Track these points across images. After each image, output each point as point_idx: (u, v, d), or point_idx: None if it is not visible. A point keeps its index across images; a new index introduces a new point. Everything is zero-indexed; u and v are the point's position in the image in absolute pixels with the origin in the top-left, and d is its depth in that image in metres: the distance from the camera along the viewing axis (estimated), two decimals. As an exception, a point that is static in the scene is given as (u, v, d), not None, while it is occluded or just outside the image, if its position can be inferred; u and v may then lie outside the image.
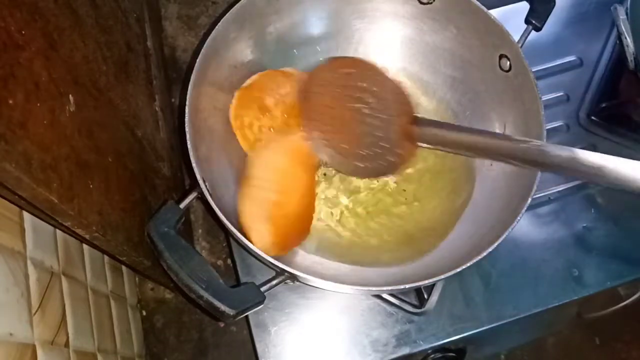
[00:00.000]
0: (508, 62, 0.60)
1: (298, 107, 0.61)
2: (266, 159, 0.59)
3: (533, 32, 0.62)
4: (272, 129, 0.61)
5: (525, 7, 0.63)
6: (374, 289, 0.54)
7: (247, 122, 0.61)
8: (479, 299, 0.64)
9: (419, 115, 0.58)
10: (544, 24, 0.62)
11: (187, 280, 0.46)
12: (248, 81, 0.63)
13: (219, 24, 0.58)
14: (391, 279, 0.58)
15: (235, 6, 0.59)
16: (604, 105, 0.73)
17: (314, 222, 0.61)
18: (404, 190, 0.64)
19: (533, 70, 0.57)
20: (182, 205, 0.52)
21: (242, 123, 0.61)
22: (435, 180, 0.64)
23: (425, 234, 0.62)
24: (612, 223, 0.68)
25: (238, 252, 0.66)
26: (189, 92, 0.54)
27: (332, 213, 0.63)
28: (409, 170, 0.64)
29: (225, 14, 0.58)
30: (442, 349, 0.64)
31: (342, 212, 0.63)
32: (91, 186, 0.48)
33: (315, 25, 0.67)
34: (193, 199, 0.53)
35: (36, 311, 0.50)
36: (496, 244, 0.50)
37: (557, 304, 0.64)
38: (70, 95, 0.46)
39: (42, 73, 0.42)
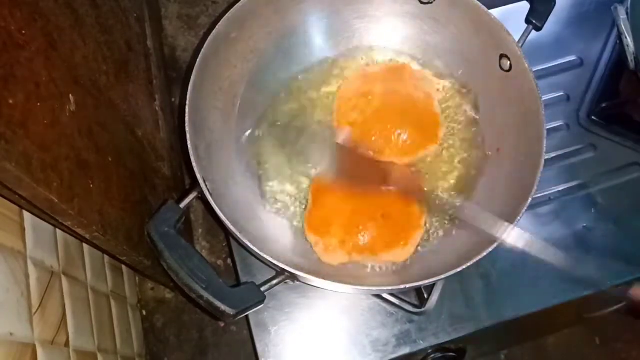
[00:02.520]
0: (508, 62, 0.60)
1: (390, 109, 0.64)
2: None
3: (533, 32, 0.62)
4: (361, 113, 0.64)
5: (525, 7, 0.63)
6: (374, 288, 0.54)
7: (347, 95, 0.65)
8: (479, 299, 0.64)
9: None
10: (544, 23, 0.62)
11: (187, 280, 0.46)
12: (375, 66, 0.67)
13: (220, 23, 0.58)
14: (391, 279, 0.58)
15: (236, 6, 0.59)
16: (604, 105, 0.73)
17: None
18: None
19: (533, 70, 0.57)
20: (182, 205, 0.52)
21: (344, 93, 0.66)
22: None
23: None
24: (612, 223, 0.67)
25: (238, 252, 0.66)
26: (189, 92, 0.54)
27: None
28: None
29: (225, 14, 0.58)
30: (442, 348, 0.64)
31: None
32: (91, 186, 0.48)
33: (316, 25, 0.67)
34: (193, 199, 0.53)
35: (36, 311, 0.50)
36: (496, 244, 0.50)
37: (557, 304, 0.64)
38: (70, 95, 0.46)
39: (43, 73, 0.42)
